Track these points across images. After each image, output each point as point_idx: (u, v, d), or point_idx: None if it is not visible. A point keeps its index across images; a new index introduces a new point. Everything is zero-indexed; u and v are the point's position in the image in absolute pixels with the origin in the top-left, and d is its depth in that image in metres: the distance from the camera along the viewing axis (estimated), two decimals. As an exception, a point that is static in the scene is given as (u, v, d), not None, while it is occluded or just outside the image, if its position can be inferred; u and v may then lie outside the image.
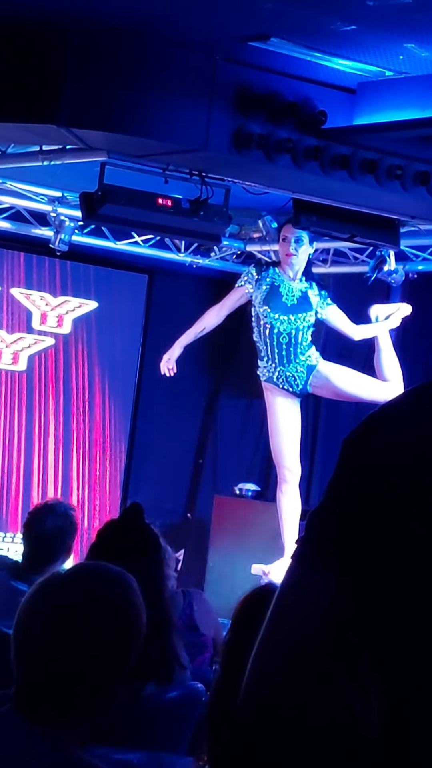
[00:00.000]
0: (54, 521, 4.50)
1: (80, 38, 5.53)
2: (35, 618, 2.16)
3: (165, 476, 10.06)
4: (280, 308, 7.48)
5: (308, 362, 7.50)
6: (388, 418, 1.30)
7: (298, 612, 1.30)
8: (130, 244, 9.18)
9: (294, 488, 7.73)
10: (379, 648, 1.24)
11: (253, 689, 1.31)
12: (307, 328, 7.49)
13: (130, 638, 2.17)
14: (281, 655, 1.29)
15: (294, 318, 7.45)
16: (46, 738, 2.09)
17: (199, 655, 5.02)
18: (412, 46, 5.25)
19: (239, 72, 5.75)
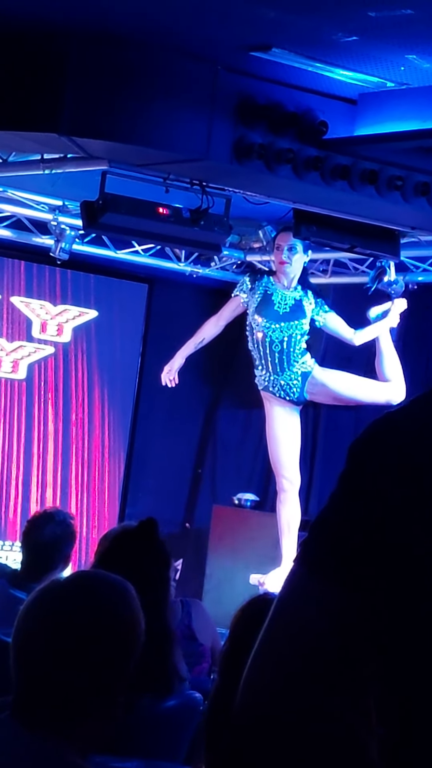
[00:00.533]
0: (53, 529, 4.49)
1: (82, 47, 5.54)
2: (34, 625, 2.15)
3: (164, 486, 10.05)
4: (273, 317, 7.49)
5: (302, 369, 7.49)
6: (393, 425, 1.31)
7: (300, 619, 1.30)
8: (131, 253, 9.19)
9: (292, 498, 7.71)
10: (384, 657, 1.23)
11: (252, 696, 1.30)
12: (301, 336, 7.47)
13: (129, 646, 2.17)
14: (282, 663, 1.28)
15: (286, 326, 7.45)
16: (45, 746, 2.09)
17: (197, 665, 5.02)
18: (414, 57, 5.27)
19: (241, 82, 5.76)
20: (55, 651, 2.12)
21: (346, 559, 1.24)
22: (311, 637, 1.25)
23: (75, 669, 2.11)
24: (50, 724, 2.11)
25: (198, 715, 3.55)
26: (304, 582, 1.27)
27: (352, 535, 1.23)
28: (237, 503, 9.49)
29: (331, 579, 1.25)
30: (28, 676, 2.13)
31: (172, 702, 3.46)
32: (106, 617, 2.16)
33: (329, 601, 1.24)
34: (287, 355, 7.49)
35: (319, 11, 4.96)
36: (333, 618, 1.25)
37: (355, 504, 1.27)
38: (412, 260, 8.64)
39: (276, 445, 7.72)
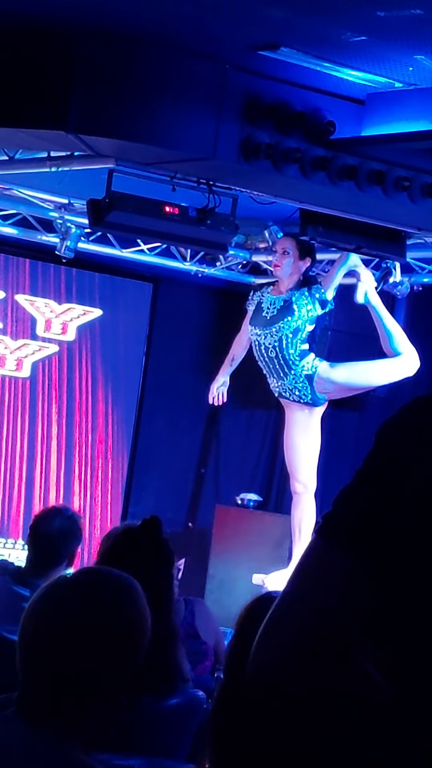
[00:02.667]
0: (61, 523, 4.51)
1: (90, 45, 5.54)
2: (40, 622, 2.15)
3: (167, 485, 10.05)
4: (260, 323, 7.49)
5: (305, 372, 7.41)
6: (421, 408, 1.36)
7: (321, 586, 1.35)
8: (136, 252, 9.18)
9: (305, 501, 7.66)
10: (396, 628, 1.27)
11: (271, 656, 1.34)
12: (293, 336, 7.39)
13: (136, 643, 2.17)
14: (301, 626, 1.33)
15: (274, 329, 7.41)
16: (49, 743, 2.09)
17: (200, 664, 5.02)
18: (422, 58, 5.26)
19: (248, 81, 5.76)
20: (60, 648, 2.11)
21: (368, 532, 1.28)
22: (332, 603, 1.29)
23: (80, 666, 2.11)
24: (55, 721, 2.10)
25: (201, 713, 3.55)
26: (328, 552, 1.31)
27: (376, 510, 1.28)
28: (240, 503, 9.49)
29: (354, 553, 1.29)
30: (34, 673, 2.13)
31: (175, 700, 3.46)
32: (112, 614, 2.15)
33: (351, 574, 1.28)
34: (283, 359, 7.43)
35: (328, 11, 4.96)
36: (352, 590, 1.30)
37: (382, 482, 1.32)
38: (418, 261, 8.63)
39: (290, 448, 7.69)
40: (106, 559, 3.40)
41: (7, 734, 2.12)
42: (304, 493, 7.65)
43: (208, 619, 5.36)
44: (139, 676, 2.22)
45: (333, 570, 1.35)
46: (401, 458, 1.34)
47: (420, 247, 8.10)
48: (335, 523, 1.34)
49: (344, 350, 8.17)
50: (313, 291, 7.34)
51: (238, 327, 9.91)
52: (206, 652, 5.19)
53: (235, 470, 10.29)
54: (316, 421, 7.59)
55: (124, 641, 2.15)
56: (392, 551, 1.28)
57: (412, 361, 7.50)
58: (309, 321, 7.40)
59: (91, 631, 2.12)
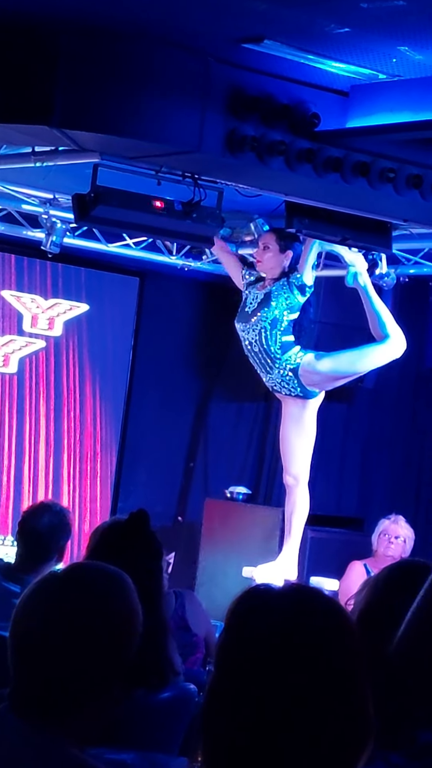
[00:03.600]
0: (50, 519, 4.52)
1: (73, 39, 5.52)
2: (32, 617, 2.15)
3: (156, 479, 10.06)
4: (243, 319, 7.50)
5: (289, 364, 7.39)
6: None
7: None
8: (122, 246, 9.17)
9: (296, 494, 7.64)
10: None
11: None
12: (272, 327, 7.36)
13: (127, 638, 2.17)
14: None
15: (255, 322, 7.40)
16: (42, 737, 2.09)
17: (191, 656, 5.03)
18: (406, 49, 5.26)
19: (232, 74, 5.75)
20: (52, 643, 2.12)
21: None
22: None
23: (73, 661, 2.11)
24: (48, 716, 2.11)
25: (193, 706, 3.56)
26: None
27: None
28: (229, 496, 9.50)
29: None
30: (26, 669, 2.13)
31: (166, 694, 3.47)
32: (103, 608, 2.16)
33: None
34: (266, 353, 7.41)
35: (311, 3, 4.95)
36: None
37: None
38: (404, 253, 8.64)
39: (283, 441, 7.69)
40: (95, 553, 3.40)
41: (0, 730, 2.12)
42: (295, 485, 7.64)
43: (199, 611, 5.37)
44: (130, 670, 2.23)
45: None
46: None
47: (406, 239, 8.10)
48: None
49: (331, 342, 8.16)
50: (291, 279, 7.32)
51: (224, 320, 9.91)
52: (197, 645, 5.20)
53: (224, 463, 10.30)
54: (311, 414, 7.55)
55: (115, 635, 2.16)
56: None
57: (399, 343, 7.45)
58: (288, 309, 7.35)
59: (83, 626, 2.13)
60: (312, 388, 7.46)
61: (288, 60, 5.63)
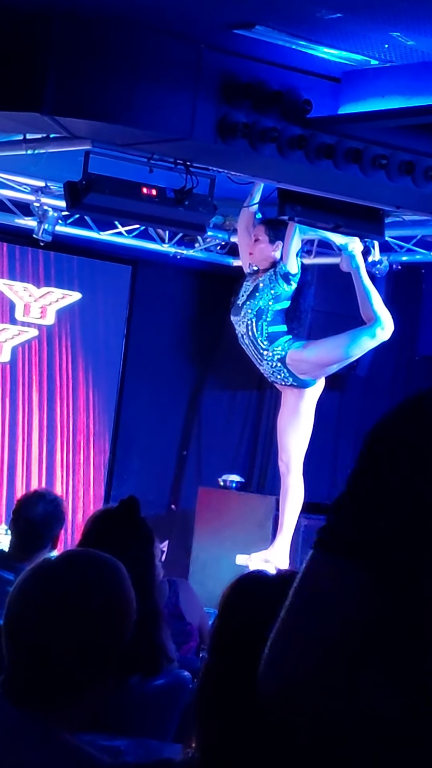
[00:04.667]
0: (44, 507, 4.52)
1: (65, 26, 5.50)
2: (26, 604, 2.15)
3: (149, 467, 10.06)
4: (235, 311, 7.50)
5: (277, 354, 7.38)
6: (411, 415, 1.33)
7: (333, 599, 1.34)
8: (114, 234, 9.16)
9: (289, 482, 7.63)
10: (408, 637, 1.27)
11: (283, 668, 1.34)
12: (256, 319, 7.35)
13: (121, 625, 2.17)
14: (315, 640, 1.32)
15: (243, 313, 7.41)
16: (36, 724, 2.09)
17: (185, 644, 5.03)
18: (398, 35, 5.25)
19: (224, 60, 5.73)
20: (46, 630, 2.11)
21: (373, 546, 1.27)
22: (345, 617, 1.28)
23: (67, 648, 2.11)
24: (42, 703, 2.11)
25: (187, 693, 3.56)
26: (334, 564, 1.30)
27: (377, 521, 1.27)
28: (222, 484, 9.50)
29: (362, 564, 1.28)
30: (20, 656, 2.13)
31: (160, 681, 3.47)
32: (97, 596, 2.16)
33: (361, 586, 1.27)
34: (254, 344, 7.41)
35: (303, -12, 4.94)
36: (364, 602, 1.29)
37: (378, 490, 1.30)
38: (396, 240, 8.63)
39: (279, 430, 7.69)
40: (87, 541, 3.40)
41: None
42: (287, 474, 7.64)
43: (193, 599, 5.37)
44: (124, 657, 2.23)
45: (336, 582, 1.34)
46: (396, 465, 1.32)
47: (398, 226, 8.10)
48: (338, 535, 1.32)
49: (324, 330, 8.15)
50: (277, 269, 7.31)
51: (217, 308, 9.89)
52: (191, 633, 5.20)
53: (217, 452, 10.30)
54: (307, 404, 7.53)
55: (109, 623, 2.16)
56: (389, 561, 1.27)
57: (387, 326, 7.42)
58: (274, 299, 7.33)
59: (77, 614, 2.12)
60: (304, 377, 7.44)
61: (280, 46, 5.62)
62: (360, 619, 1.30)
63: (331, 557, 1.33)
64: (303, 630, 1.36)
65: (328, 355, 7.39)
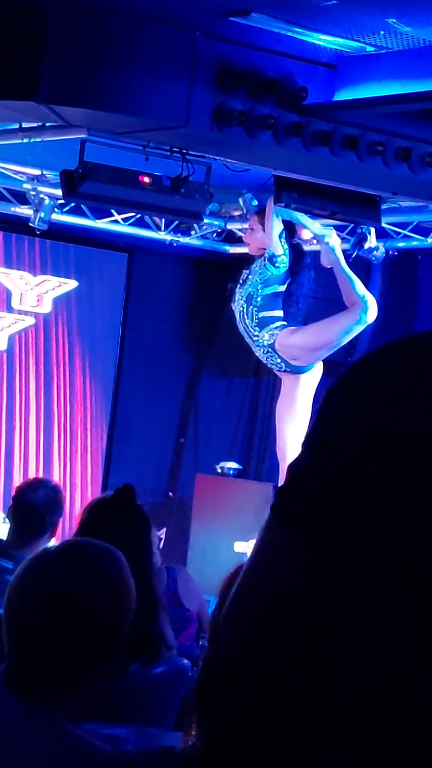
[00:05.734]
0: (45, 493, 4.52)
1: (60, 15, 5.49)
2: (26, 594, 2.15)
3: (147, 455, 10.06)
4: (232, 299, 7.52)
5: (266, 340, 7.38)
6: (370, 370, 1.25)
7: (272, 568, 1.26)
8: (110, 222, 9.15)
9: (283, 468, 7.66)
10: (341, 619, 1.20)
11: (227, 642, 1.28)
12: (246, 305, 7.35)
13: (121, 614, 2.18)
14: (256, 613, 1.25)
15: (236, 300, 7.43)
16: (38, 714, 2.10)
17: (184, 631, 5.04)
18: (394, 21, 5.24)
19: (220, 48, 5.72)
20: (46, 620, 2.12)
21: (314, 512, 1.20)
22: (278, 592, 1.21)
23: (67, 637, 2.12)
24: (43, 693, 2.11)
25: (186, 681, 3.57)
26: (274, 531, 1.24)
27: (323, 486, 1.20)
28: (220, 472, 9.51)
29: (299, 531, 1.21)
30: (21, 645, 2.14)
31: (160, 669, 3.48)
32: (97, 585, 2.16)
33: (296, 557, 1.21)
34: (246, 330, 7.43)
35: (298, -25, 4.93)
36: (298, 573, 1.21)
37: (329, 452, 1.23)
38: (393, 226, 8.63)
39: (276, 417, 7.69)
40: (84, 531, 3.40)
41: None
42: (283, 460, 7.65)
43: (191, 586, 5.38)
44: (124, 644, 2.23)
45: (281, 550, 1.26)
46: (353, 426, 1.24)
47: (395, 212, 8.09)
48: (284, 498, 1.25)
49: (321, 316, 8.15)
50: (265, 254, 7.32)
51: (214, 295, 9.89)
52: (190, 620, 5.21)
53: (215, 439, 10.31)
54: (303, 391, 7.51)
55: (110, 612, 2.16)
56: (342, 529, 1.19)
57: (371, 308, 7.40)
58: (263, 284, 7.32)
59: (78, 603, 2.13)
60: (296, 363, 7.43)
61: (275, 33, 5.61)
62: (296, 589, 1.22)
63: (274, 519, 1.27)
64: (248, 596, 1.30)
65: (315, 340, 7.38)
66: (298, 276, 7.42)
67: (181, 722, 3.54)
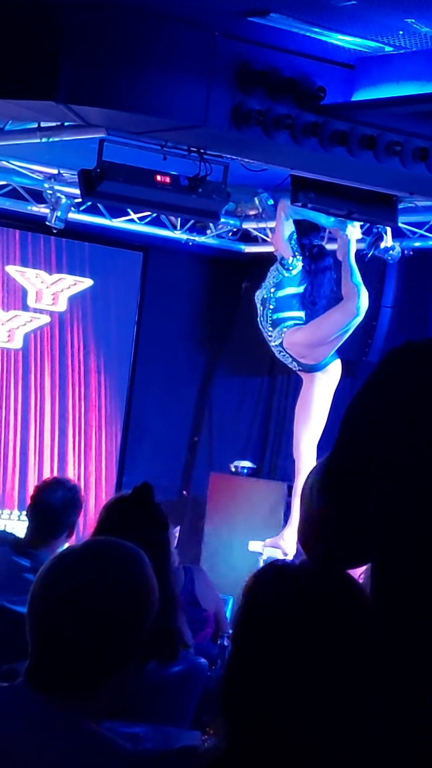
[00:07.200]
0: (64, 494, 4.54)
1: (79, 14, 5.50)
2: (50, 593, 2.16)
3: (161, 453, 10.08)
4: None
5: (276, 342, 7.49)
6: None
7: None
8: (126, 221, 9.16)
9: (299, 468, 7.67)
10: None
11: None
12: (262, 308, 7.47)
13: (144, 613, 2.18)
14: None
15: (256, 301, 7.54)
16: (61, 713, 2.11)
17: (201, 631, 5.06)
18: (413, 21, 5.24)
19: (238, 48, 5.73)
20: (71, 618, 2.13)
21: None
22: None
23: (91, 636, 2.13)
24: (67, 692, 2.12)
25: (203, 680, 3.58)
26: None
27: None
28: (234, 470, 9.52)
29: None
30: (45, 644, 2.14)
31: (177, 667, 3.49)
32: (121, 584, 2.17)
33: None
34: (264, 329, 7.54)
35: (317, -24, 4.93)
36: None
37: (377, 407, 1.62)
38: (409, 226, 8.62)
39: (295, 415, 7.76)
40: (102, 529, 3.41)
41: (17, 705, 2.13)
42: (297, 459, 7.67)
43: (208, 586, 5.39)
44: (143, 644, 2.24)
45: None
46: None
47: (411, 212, 8.09)
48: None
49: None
50: (278, 257, 7.46)
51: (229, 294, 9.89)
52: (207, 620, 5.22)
53: (229, 437, 10.31)
54: (320, 391, 7.56)
55: (133, 610, 2.17)
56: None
57: (364, 297, 7.47)
58: (275, 287, 7.45)
59: (102, 602, 2.14)
60: (305, 361, 7.50)
61: (294, 33, 5.61)
62: None
63: None
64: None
65: (314, 336, 7.47)
66: (317, 277, 7.46)
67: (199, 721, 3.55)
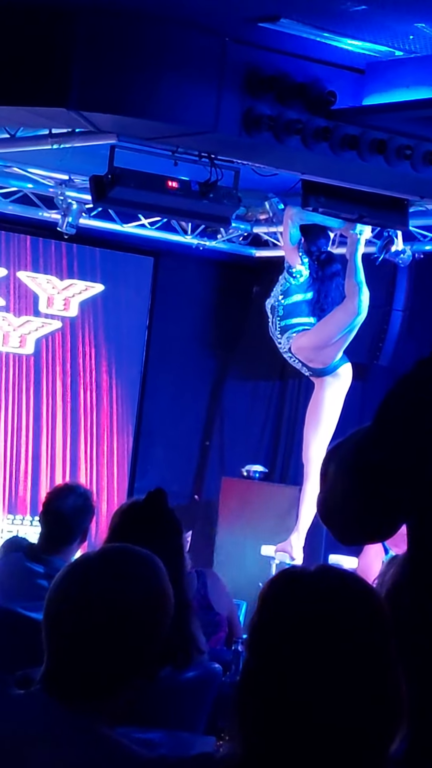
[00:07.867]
0: (75, 500, 4.54)
1: (89, 21, 5.51)
2: (66, 599, 2.17)
3: (172, 458, 10.08)
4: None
5: (285, 348, 7.54)
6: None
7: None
8: (137, 226, 9.17)
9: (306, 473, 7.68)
10: None
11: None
12: (272, 316, 7.53)
13: (160, 620, 2.19)
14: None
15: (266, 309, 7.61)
16: (77, 719, 2.11)
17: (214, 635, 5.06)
18: (423, 26, 5.24)
19: (248, 53, 5.73)
20: (87, 624, 2.14)
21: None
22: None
23: (106, 643, 2.13)
24: (82, 697, 2.13)
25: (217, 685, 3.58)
26: None
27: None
28: (245, 475, 9.52)
29: None
30: (61, 650, 2.15)
31: (191, 673, 3.49)
32: (137, 590, 2.18)
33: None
34: (274, 338, 7.58)
35: (327, -19, 4.94)
36: None
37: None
38: (420, 230, 8.62)
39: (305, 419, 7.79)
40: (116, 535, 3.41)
41: (33, 711, 2.14)
42: (306, 465, 7.69)
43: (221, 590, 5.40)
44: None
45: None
46: None
47: (422, 215, 8.08)
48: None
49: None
50: (285, 265, 7.53)
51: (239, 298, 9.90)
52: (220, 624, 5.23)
53: (240, 442, 10.31)
54: (330, 396, 7.58)
55: (150, 616, 2.18)
56: None
57: (366, 296, 7.49)
58: (283, 294, 7.51)
59: (118, 608, 2.15)
60: (313, 365, 7.53)
61: (304, 38, 5.62)
62: None
63: None
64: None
65: (318, 338, 7.51)
66: (324, 284, 7.49)
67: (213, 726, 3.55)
